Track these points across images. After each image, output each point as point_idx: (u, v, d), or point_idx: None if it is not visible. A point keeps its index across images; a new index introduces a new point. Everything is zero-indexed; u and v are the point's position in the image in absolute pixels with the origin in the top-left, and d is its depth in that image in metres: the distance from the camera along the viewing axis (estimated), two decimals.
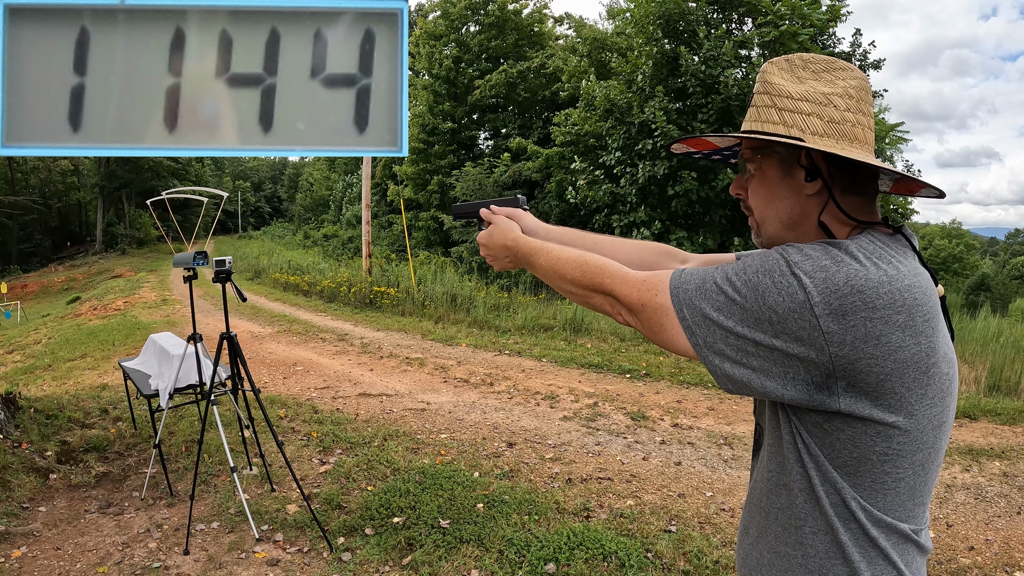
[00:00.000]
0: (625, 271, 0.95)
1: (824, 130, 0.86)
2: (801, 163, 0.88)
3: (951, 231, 50.99)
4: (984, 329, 7.83)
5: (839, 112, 0.87)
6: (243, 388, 3.44)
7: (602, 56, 14.98)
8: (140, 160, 34.85)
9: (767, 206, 0.93)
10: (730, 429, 4.73)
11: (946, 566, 2.92)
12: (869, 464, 0.83)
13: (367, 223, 13.06)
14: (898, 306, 0.78)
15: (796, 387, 0.82)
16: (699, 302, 0.86)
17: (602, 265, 0.97)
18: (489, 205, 1.27)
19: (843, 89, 0.88)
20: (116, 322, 11.17)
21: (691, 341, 0.86)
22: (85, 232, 42.80)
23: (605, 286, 0.95)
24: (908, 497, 0.86)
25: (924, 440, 0.84)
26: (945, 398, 0.85)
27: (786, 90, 0.89)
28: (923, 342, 0.80)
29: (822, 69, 0.90)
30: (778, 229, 0.93)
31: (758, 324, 0.81)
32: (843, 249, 0.81)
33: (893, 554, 0.87)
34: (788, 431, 0.89)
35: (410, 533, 3.07)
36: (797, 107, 0.88)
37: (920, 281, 0.82)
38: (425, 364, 6.93)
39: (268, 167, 67.13)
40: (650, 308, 0.90)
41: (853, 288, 0.78)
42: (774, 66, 0.92)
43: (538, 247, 1.10)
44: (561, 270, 1.03)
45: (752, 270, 0.83)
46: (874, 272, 0.79)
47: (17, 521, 3.15)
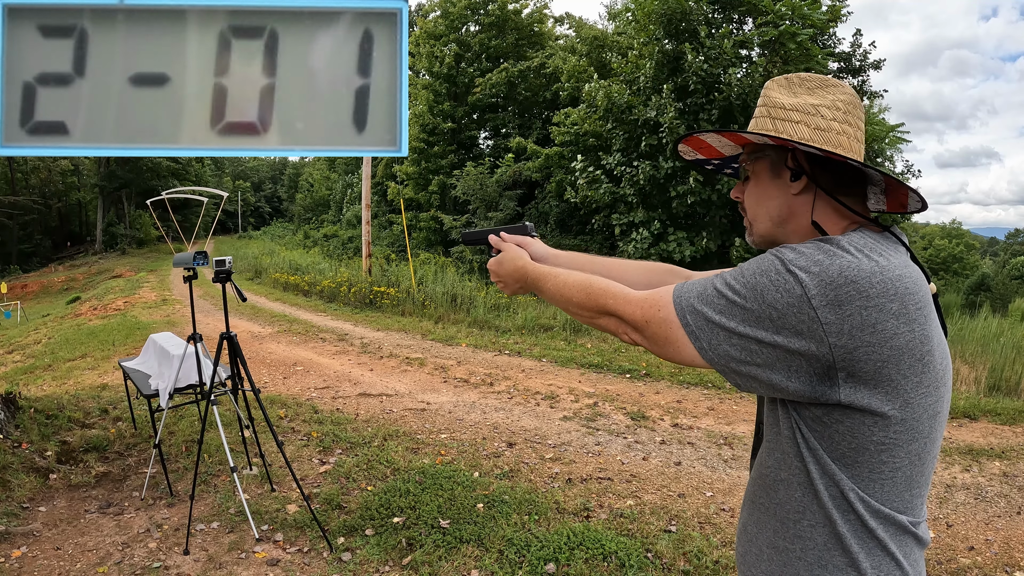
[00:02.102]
0: (628, 291, 1.00)
1: (810, 136, 0.94)
2: (788, 165, 0.96)
3: (951, 231, 51.00)
4: (984, 329, 7.83)
5: (825, 121, 0.94)
6: (243, 388, 3.44)
7: (602, 56, 14.98)
8: (140, 160, 34.86)
9: (759, 205, 1.01)
10: (730, 429, 4.73)
11: (946, 566, 2.92)
12: (867, 454, 0.86)
13: (367, 223, 13.06)
14: (891, 294, 0.82)
15: (800, 380, 0.85)
16: (701, 307, 0.90)
17: (605, 287, 1.02)
18: (499, 232, 1.31)
19: (831, 102, 0.95)
20: (116, 322, 11.18)
21: (696, 346, 0.90)
22: (85, 232, 42.80)
23: (609, 307, 1.00)
24: (905, 487, 0.89)
25: (920, 429, 0.87)
26: (939, 388, 0.88)
27: (780, 102, 0.97)
28: (916, 330, 0.84)
29: (816, 86, 0.98)
30: (768, 227, 1.00)
31: (759, 323, 0.85)
32: (835, 244, 0.86)
33: (891, 545, 0.89)
34: (788, 426, 0.92)
35: (410, 533, 3.07)
36: (788, 116, 0.96)
37: (910, 272, 0.87)
38: (425, 364, 6.93)
39: (268, 167, 67.13)
40: (654, 323, 0.94)
41: (847, 279, 0.82)
42: (775, 83, 1.02)
43: (546, 273, 1.15)
44: (567, 294, 1.07)
45: (749, 272, 0.88)
46: (866, 263, 0.83)
47: (17, 521, 3.15)
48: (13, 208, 33.73)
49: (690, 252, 11.83)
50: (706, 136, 1.07)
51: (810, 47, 11.42)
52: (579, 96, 14.52)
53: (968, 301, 20.20)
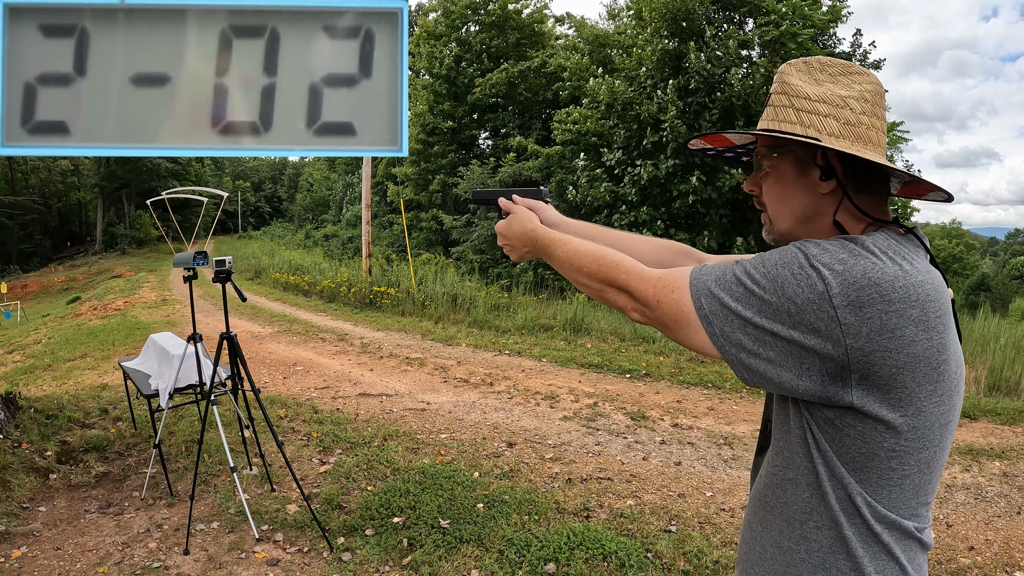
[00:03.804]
0: (641, 267, 0.96)
1: (840, 131, 0.88)
2: (817, 162, 0.90)
3: (951, 231, 51.02)
4: (984, 329, 7.82)
5: (855, 115, 0.89)
6: (243, 388, 3.44)
7: (604, 53, 14.98)
8: (140, 160, 34.85)
9: (781, 203, 0.95)
10: (730, 429, 4.73)
11: (946, 566, 2.92)
12: (877, 460, 0.84)
13: (367, 223, 13.07)
14: (912, 300, 0.80)
15: (811, 379, 0.83)
16: (718, 292, 0.87)
17: (618, 260, 0.98)
18: (510, 194, 1.26)
19: (859, 93, 0.90)
20: (116, 322, 11.18)
21: (708, 331, 0.87)
22: (85, 232, 42.79)
23: (620, 281, 0.97)
24: (913, 495, 0.88)
25: (931, 438, 0.85)
26: (952, 397, 0.86)
27: (804, 91, 0.91)
28: (935, 338, 0.81)
29: (839, 72, 0.92)
30: (791, 225, 0.95)
31: (776, 315, 0.82)
32: (860, 244, 0.83)
33: (896, 550, 0.88)
34: (799, 425, 0.90)
35: (410, 533, 3.07)
36: (814, 108, 0.90)
37: (932, 279, 0.84)
38: (425, 364, 6.93)
39: (268, 167, 67.09)
40: (666, 303, 0.91)
41: (870, 280, 0.79)
42: (792, 67, 0.94)
43: (556, 239, 1.11)
44: (578, 263, 1.03)
45: (771, 263, 0.84)
46: (890, 267, 0.81)
47: (17, 521, 3.15)
48: (13, 208, 33.72)
49: None
50: (730, 135, 1.02)
51: (810, 47, 11.42)
52: (580, 95, 14.52)
53: (968, 301, 20.20)
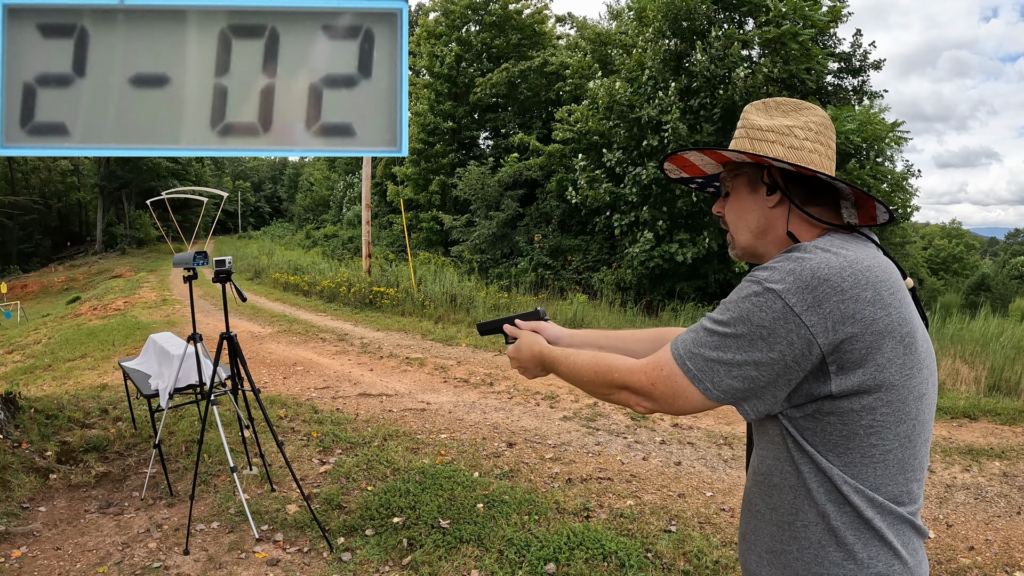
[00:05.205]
0: (631, 362, 1.04)
1: (784, 154, 1.02)
2: (764, 180, 1.04)
3: (951, 231, 51.01)
4: (984, 329, 7.82)
5: (799, 140, 1.02)
6: (243, 388, 3.44)
7: (606, 52, 14.98)
8: (140, 160, 34.85)
9: (740, 219, 1.08)
10: (730, 429, 4.73)
11: (946, 566, 2.92)
12: (856, 439, 0.90)
13: (367, 223, 13.06)
14: (864, 284, 0.88)
15: (800, 386, 0.91)
16: (698, 350, 0.94)
17: (610, 362, 1.07)
18: (513, 320, 1.38)
19: (804, 123, 1.04)
20: (116, 322, 11.18)
21: (701, 388, 0.94)
22: (85, 232, 42.78)
23: (617, 380, 1.05)
24: (899, 470, 0.92)
25: (907, 411, 0.91)
26: (923, 370, 0.93)
27: (758, 123, 1.06)
28: (893, 313, 0.89)
29: (790, 109, 1.07)
30: (748, 238, 1.07)
31: (754, 345, 0.90)
32: (803, 250, 0.93)
33: (888, 534, 0.91)
34: (777, 431, 0.97)
35: (410, 533, 3.07)
36: (764, 136, 1.04)
37: (879, 262, 0.93)
38: (425, 364, 6.93)
39: (268, 167, 67.09)
40: (660, 383, 0.98)
41: (820, 278, 0.88)
42: (753, 107, 1.10)
43: (560, 356, 1.20)
44: (580, 375, 1.13)
45: (732, 303, 0.93)
46: (834, 259, 0.90)
47: (17, 521, 3.15)
48: (13, 208, 33.72)
49: (692, 253, 11.82)
50: (689, 154, 1.15)
51: (811, 47, 11.42)
52: (581, 94, 14.52)
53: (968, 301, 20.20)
